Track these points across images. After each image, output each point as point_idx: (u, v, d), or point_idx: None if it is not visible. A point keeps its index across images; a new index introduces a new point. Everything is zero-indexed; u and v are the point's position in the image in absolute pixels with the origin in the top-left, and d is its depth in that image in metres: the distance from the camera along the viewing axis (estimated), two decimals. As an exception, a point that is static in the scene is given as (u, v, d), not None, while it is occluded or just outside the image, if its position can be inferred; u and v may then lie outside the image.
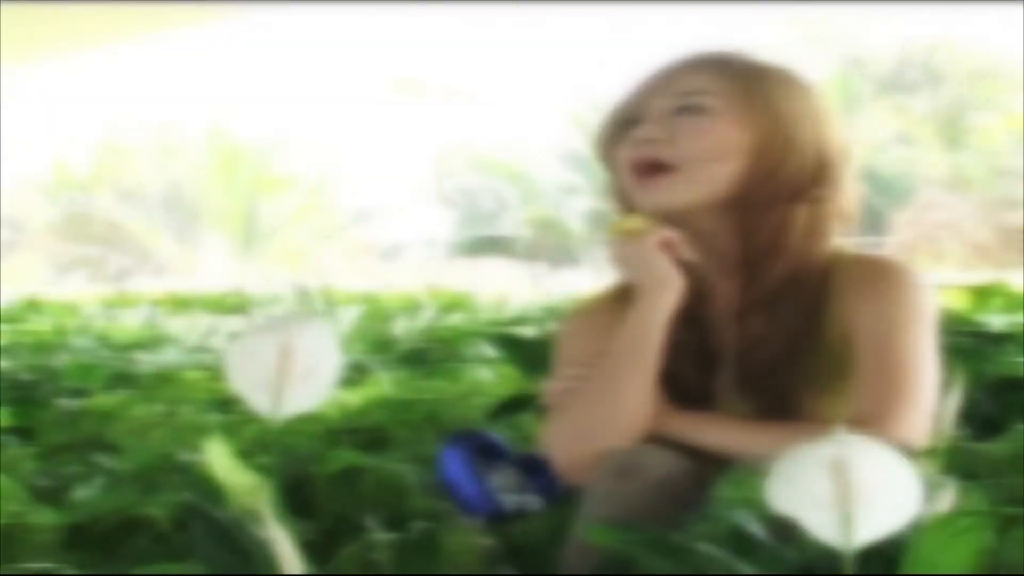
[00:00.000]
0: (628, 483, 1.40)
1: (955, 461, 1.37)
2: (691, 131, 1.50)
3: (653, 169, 1.50)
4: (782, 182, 1.52)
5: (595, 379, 1.52)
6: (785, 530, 1.11)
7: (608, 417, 1.49)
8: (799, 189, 1.52)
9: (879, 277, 1.52)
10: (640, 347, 1.51)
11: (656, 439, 1.50)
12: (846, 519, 0.87)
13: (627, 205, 1.58)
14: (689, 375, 1.55)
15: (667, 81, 1.54)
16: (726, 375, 1.55)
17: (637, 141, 1.51)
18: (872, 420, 1.42)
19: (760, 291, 1.53)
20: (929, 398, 1.47)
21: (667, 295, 1.50)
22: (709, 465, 1.45)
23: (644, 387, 1.50)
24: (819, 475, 0.88)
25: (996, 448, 1.46)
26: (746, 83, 1.52)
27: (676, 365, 1.54)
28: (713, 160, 1.50)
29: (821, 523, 0.89)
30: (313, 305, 7.96)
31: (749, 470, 1.31)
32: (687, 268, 1.56)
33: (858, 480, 0.87)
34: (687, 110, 1.51)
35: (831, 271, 1.54)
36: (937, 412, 1.51)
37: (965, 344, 2.34)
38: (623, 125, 1.55)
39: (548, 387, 1.61)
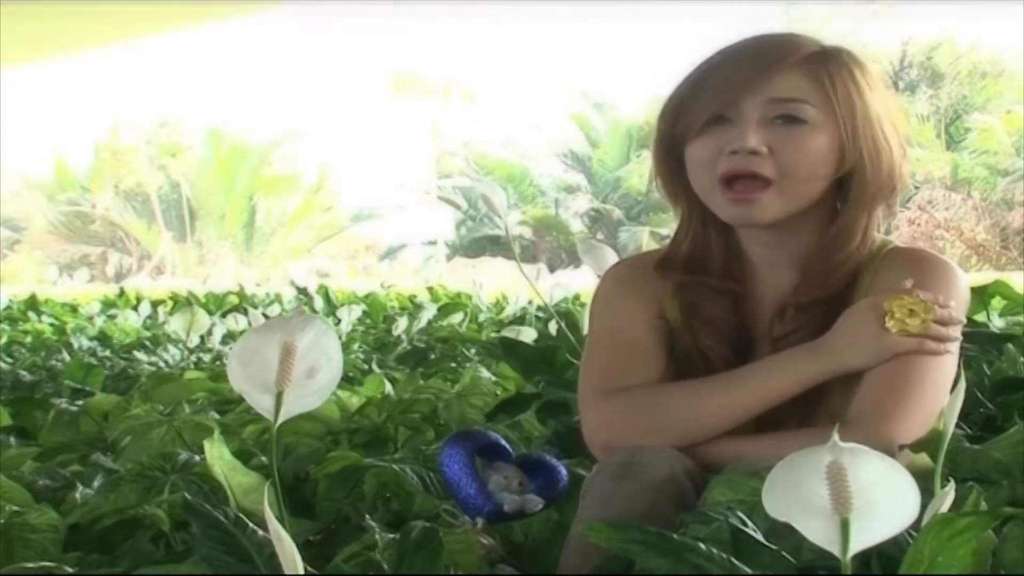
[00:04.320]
0: (629, 483, 1.40)
1: (959, 462, 1.37)
2: (792, 147, 1.48)
3: (748, 180, 1.48)
4: (868, 191, 1.52)
5: (706, 392, 1.50)
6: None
7: (692, 430, 1.48)
8: (878, 197, 1.54)
9: (912, 265, 1.52)
10: (766, 394, 1.48)
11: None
12: (843, 525, 0.87)
13: (675, 191, 1.57)
14: (724, 352, 1.55)
15: (761, 80, 1.48)
16: (758, 356, 1.55)
17: (738, 152, 1.47)
18: (869, 418, 1.42)
19: (814, 287, 1.52)
20: (936, 396, 1.45)
21: (838, 368, 1.47)
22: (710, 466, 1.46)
23: (740, 421, 1.49)
24: (816, 481, 0.87)
25: (999, 449, 1.46)
26: (840, 91, 1.50)
27: (714, 340, 1.54)
28: (810, 178, 1.49)
29: (818, 529, 0.88)
30: (313, 305, 7.96)
31: (742, 472, 1.31)
32: (747, 258, 1.57)
33: (855, 486, 0.87)
34: (785, 120, 1.48)
35: (871, 257, 1.54)
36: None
37: (965, 344, 2.34)
38: (710, 118, 1.49)
39: (594, 364, 1.59)
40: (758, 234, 1.55)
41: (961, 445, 1.44)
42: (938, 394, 1.46)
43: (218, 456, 1.43)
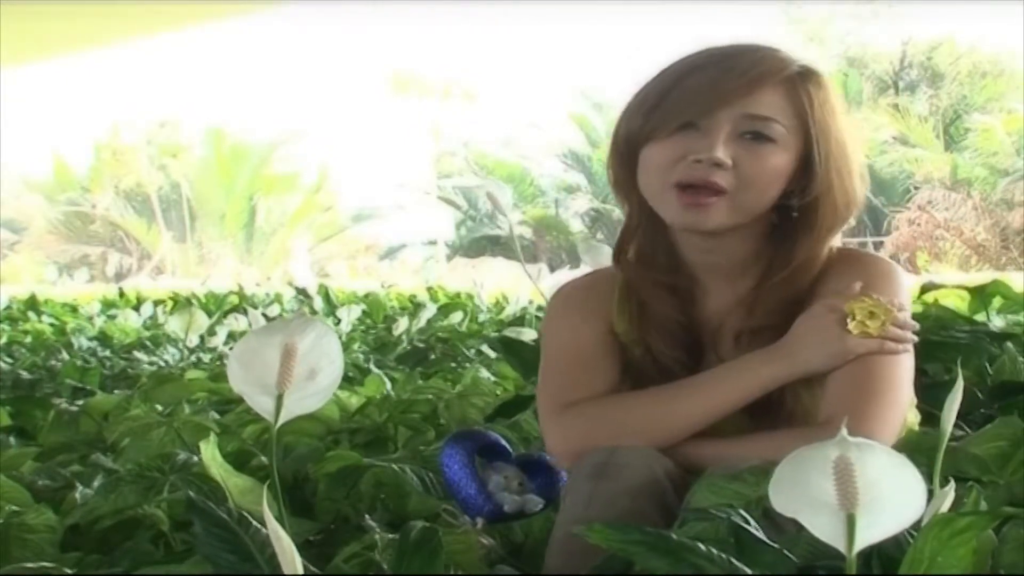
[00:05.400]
0: (608, 483, 1.40)
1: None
2: (755, 163, 1.48)
3: (703, 188, 1.48)
4: (835, 216, 1.53)
5: (667, 397, 1.51)
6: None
7: (654, 436, 1.48)
8: (840, 223, 1.55)
9: (851, 266, 1.54)
10: (727, 398, 1.49)
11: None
12: (849, 521, 0.87)
13: (627, 189, 1.57)
14: (677, 354, 1.56)
15: (739, 94, 1.48)
16: (711, 362, 1.57)
17: (703, 162, 1.47)
18: (842, 416, 1.42)
19: (771, 312, 1.53)
20: (902, 393, 1.48)
21: (799, 371, 1.48)
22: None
23: (702, 426, 1.50)
24: (823, 476, 0.87)
25: (977, 445, 1.46)
26: (818, 113, 1.50)
27: (666, 344, 1.56)
28: (763, 195, 1.50)
29: (824, 525, 0.88)
30: (313, 305, 7.96)
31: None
32: (686, 263, 1.58)
33: (862, 481, 0.87)
34: (754, 136, 1.48)
35: (821, 270, 1.55)
36: (907, 411, 1.54)
37: (965, 344, 2.34)
38: (682, 124, 1.49)
39: (548, 381, 1.60)
40: (696, 240, 1.56)
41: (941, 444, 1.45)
42: (903, 393, 1.49)
43: (211, 457, 1.43)
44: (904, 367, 1.50)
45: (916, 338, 1.50)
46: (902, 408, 1.48)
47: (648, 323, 1.58)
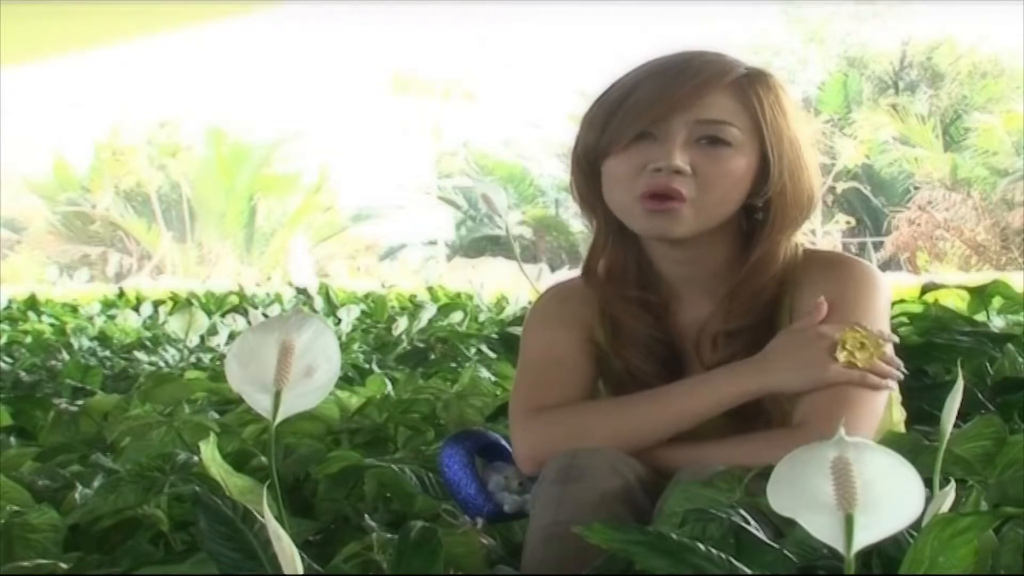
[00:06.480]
0: (573, 487, 1.39)
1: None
2: (714, 168, 1.49)
3: (666, 197, 1.49)
4: (789, 215, 1.54)
5: (631, 406, 1.51)
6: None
7: (616, 444, 1.47)
8: (798, 220, 1.56)
9: (829, 271, 1.54)
10: (694, 409, 1.48)
11: None
12: (847, 521, 0.87)
13: (592, 203, 1.58)
14: (654, 370, 1.56)
15: (691, 100, 1.48)
16: (695, 372, 1.56)
17: (662, 171, 1.47)
18: (816, 421, 1.42)
19: (743, 312, 1.54)
20: (878, 402, 1.47)
21: (772, 388, 1.47)
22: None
23: (668, 435, 1.49)
24: (821, 477, 0.87)
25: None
26: (768, 114, 1.51)
27: (642, 359, 1.56)
28: (725, 198, 1.51)
29: (822, 525, 0.88)
30: (313, 305, 7.96)
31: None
32: (662, 276, 1.58)
33: (860, 481, 0.87)
34: (710, 141, 1.49)
35: (790, 270, 1.55)
36: (893, 407, 1.53)
37: (965, 344, 2.34)
38: (638, 134, 1.50)
39: (522, 386, 1.60)
40: (669, 251, 1.56)
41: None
42: (879, 402, 1.48)
43: (211, 457, 1.43)
44: (881, 393, 1.49)
45: (900, 375, 1.49)
46: (877, 416, 1.48)
47: (623, 338, 1.58)
